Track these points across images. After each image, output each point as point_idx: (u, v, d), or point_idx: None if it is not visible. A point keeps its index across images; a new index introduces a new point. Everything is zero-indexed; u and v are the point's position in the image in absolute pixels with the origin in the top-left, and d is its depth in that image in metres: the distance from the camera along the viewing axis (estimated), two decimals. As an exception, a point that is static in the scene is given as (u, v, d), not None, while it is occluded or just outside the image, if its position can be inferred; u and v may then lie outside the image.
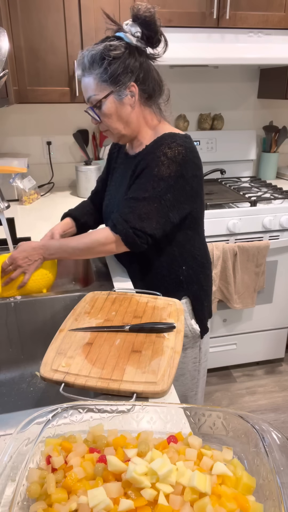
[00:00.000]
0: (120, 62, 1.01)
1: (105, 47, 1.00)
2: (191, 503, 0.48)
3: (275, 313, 2.19)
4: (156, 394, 0.70)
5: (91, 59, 1.01)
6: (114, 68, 1.01)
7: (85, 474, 0.52)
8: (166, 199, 1.03)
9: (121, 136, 1.11)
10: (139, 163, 1.09)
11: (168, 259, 1.15)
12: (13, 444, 0.54)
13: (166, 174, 1.02)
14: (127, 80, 1.03)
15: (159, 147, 1.04)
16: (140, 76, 1.04)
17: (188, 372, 1.28)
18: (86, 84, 1.05)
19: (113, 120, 1.07)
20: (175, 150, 1.02)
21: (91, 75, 1.03)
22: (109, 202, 1.25)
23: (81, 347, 0.81)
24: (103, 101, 1.05)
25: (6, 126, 2.17)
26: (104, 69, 1.01)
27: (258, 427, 0.57)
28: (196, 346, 1.25)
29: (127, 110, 1.07)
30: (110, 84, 1.03)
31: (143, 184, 1.04)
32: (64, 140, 2.25)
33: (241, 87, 2.38)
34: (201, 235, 1.21)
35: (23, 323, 1.08)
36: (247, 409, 2.04)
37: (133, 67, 1.03)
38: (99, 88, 1.04)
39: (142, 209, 1.02)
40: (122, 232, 1.03)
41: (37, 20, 1.69)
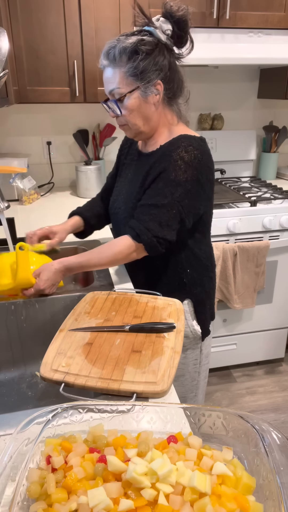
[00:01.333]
0: (151, 59, 1.00)
1: (138, 41, 0.98)
2: (191, 503, 0.48)
3: (275, 313, 2.19)
4: (156, 394, 0.70)
5: (122, 51, 0.99)
6: (144, 64, 0.99)
7: (85, 474, 0.52)
8: (184, 205, 1.03)
9: (139, 132, 1.10)
10: (154, 164, 1.08)
11: (174, 261, 1.15)
12: (13, 444, 0.54)
13: (183, 179, 1.02)
14: (155, 77, 1.02)
15: (176, 149, 1.03)
16: (167, 74, 1.03)
17: (188, 373, 1.28)
18: (111, 76, 1.02)
19: (134, 116, 1.05)
20: (192, 154, 1.02)
21: (119, 67, 1.00)
22: (116, 198, 1.24)
23: (81, 347, 0.81)
24: (128, 96, 1.02)
25: (6, 126, 2.17)
26: (134, 64, 0.99)
27: (258, 427, 0.57)
28: (197, 348, 1.25)
29: (150, 108, 1.05)
30: (138, 80, 1.00)
31: (161, 190, 1.03)
32: (64, 140, 2.25)
33: (241, 87, 2.38)
34: (207, 238, 1.21)
35: (23, 323, 1.08)
36: (247, 409, 2.04)
37: (162, 65, 1.02)
38: (125, 82, 1.01)
39: (162, 216, 1.02)
40: (147, 242, 1.03)
41: (37, 20, 1.69)
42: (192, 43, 1.05)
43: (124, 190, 1.20)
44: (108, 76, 1.03)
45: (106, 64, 1.03)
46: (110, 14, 1.73)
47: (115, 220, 1.26)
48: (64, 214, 1.85)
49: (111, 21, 1.75)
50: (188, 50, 1.06)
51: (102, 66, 1.04)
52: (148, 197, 1.06)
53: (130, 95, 1.02)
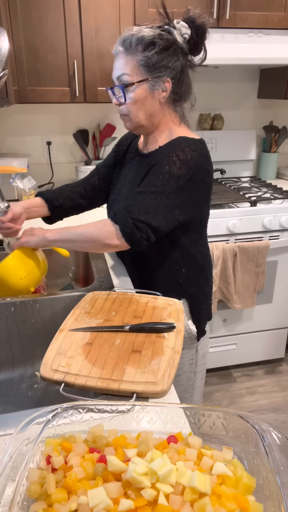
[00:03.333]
0: (166, 55, 1.01)
1: (158, 35, 1.00)
2: (191, 503, 0.48)
3: (275, 313, 2.19)
4: (156, 394, 0.70)
5: (139, 40, 0.99)
6: (159, 58, 1.00)
7: (85, 474, 0.52)
8: (173, 197, 1.01)
9: (139, 126, 1.09)
10: (151, 167, 1.08)
11: (170, 261, 1.15)
12: (13, 444, 0.54)
13: (177, 174, 1.01)
14: (165, 74, 1.02)
15: (173, 149, 1.03)
16: (177, 76, 1.04)
17: (184, 373, 1.27)
18: (123, 62, 1.02)
19: (137, 107, 1.05)
20: (188, 154, 1.01)
21: (133, 55, 1.00)
22: (116, 197, 1.23)
23: (81, 347, 0.81)
24: (136, 85, 1.02)
25: (6, 126, 2.17)
26: (148, 55, 0.99)
27: (258, 427, 0.57)
28: (193, 348, 1.24)
29: (154, 103, 1.05)
30: (149, 72, 1.01)
31: (152, 180, 1.02)
32: (64, 140, 2.25)
33: (241, 87, 2.38)
34: (204, 238, 1.21)
35: (23, 323, 1.07)
36: (247, 409, 2.04)
37: (175, 65, 1.03)
38: (136, 71, 1.01)
39: (148, 202, 0.99)
40: (121, 223, 0.99)
41: (37, 20, 1.69)
42: (205, 53, 1.06)
43: (123, 190, 1.20)
44: (120, 62, 1.03)
45: (120, 50, 1.02)
46: (110, 14, 1.73)
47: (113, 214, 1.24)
48: (64, 214, 1.85)
49: (111, 21, 1.75)
50: (201, 60, 1.07)
51: (116, 52, 1.04)
52: (139, 187, 1.05)
53: (138, 85, 1.02)
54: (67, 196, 1.29)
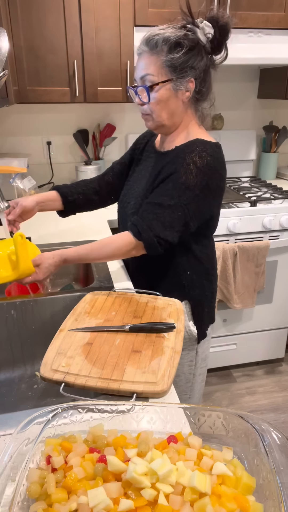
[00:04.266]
0: (191, 55, 1.01)
1: (183, 35, 0.99)
2: (191, 503, 0.48)
3: (275, 313, 2.19)
4: (156, 394, 0.71)
5: (165, 40, 0.99)
6: (184, 59, 1.00)
7: (85, 474, 0.52)
8: (190, 208, 1.03)
9: (161, 125, 1.09)
10: (167, 164, 1.08)
11: (176, 263, 1.15)
12: (13, 444, 0.54)
13: (193, 183, 1.02)
14: (189, 74, 1.02)
15: (190, 153, 1.03)
16: (200, 75, 1.04)
17: (183, 374, 1.26)
18: (147, 62, 1.02)
19: (161, 107, 1.05)
20: (205, 160, 1.02)
21: (157, 55, 1.00)
22: (127, 192, 1.23)
23: (81, 347, 0.81)
24: (160, 86, 1.02)
25: (6, 126, 2.17)
26: (174, 56, 0.99)
27: (258, 427, 0.57)
28: (193, 349, 1.23)
29: (177, 103, 1.05)
30: (173, 72, 1.01)
31: (169, 190, 1.03)
32: (64, 140, 2.25)
33: (241, 87, 2.38)
34: (211, 241, 1.21)
35: (23, 323, 1.07)
36: (247, 409, 2.04)
37: (199, 65, 1.03)
38: (160, 71, 1.01)
39: (166, 217, 1.02)
40: (147, 241, 1.03)
41: (37, 20, 1.69)
42: (226, 52, 1.07)
43: (136, 186, 1.20)
44: (144, 62, 1.02)
45: (144, 50, 1.02)
46: (110, 14, 1.73)
47: (122, 214, 1.24)
48: (64, 214, 1.85)
49: (111, 21, 1.75)
50: (222, 59, 1.08)
51: (140, 51, 1.04)
52: (155, 195, 1.06)
53: (163, 85, 1.02)
54: (81, 192, 1.31)
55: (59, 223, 1.70)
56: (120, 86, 1.86)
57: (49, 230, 1.60)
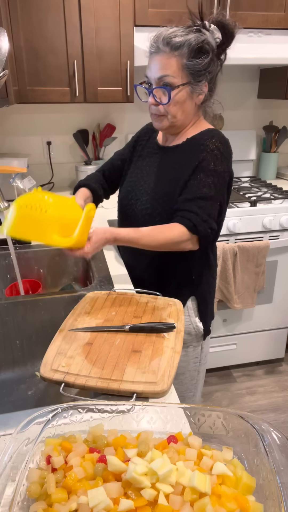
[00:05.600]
0: (210, 60, 1.02)
1: (204, 40, 1.00)
2: (191, 503, 0.48)
3: (275, 313, 2.19)
4: (156, 394, 0.70)
5: (187, 44, 0.99)
6: (204, 63, 1.01)
7: (85, 474, 0.52)
8: (223, 195, 1.08)
9: (173, 126, 1.10)
10: (187, 156, 1.08)
11: (187, 257, 1.14)
12: (13, 444, 0.54)
13: (221, 170, 1.05)
14: (205, 78, 1.04)
15: (211, 139, 1.06)
16: (213, 79, 1.07)
17: (188, 372, 1.28)
18: (167, 62, 1.01)
19: (177, 109, 1.06)
20: (225, 145, 1.07)
21: (179, 57, 1.00)
22: (131, 189, 1.22)
23: (81, 347, 0.81)
24: (180, 88, 1.02)
25: (6, 126, 2.17)
26: (196, 61, 1.00)
27: (258, 427, 0.57)
28: (199, 346, 1.25)
29: (192, 105, 1.08)
30: (192, 76, 1.02)
31: (204, 181, 1.04)
32: (64, 140, 2.25)
33: (241, 87, 2.38)
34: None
35: (23, 323, 1.07)
36: (247, 409, 2.04)
37: (213, 69, 1.05)
38: (180, 74, 1.01)
39: (210, 208, 1.05)
40: (203, 234, 1.04)
41: (37, 20, 1.69)
42: (225, 57, 1.09)
43: (143, 182, 1.19)
44: (163, 62, 1.01)
45: (164, 50, 1.00)
46: (110, 14, 1.73)
47: (129, 210, 1.22)
48: (64, 214, 1.85)
49: (111, 21, 1.75)
50: (221, 63, 1.10)
51: (156, 50, 1.02)
52: (193, 189, 1.05)
53: (182, 88, 1.03)
54: (102, 186, 1.33)
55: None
56: (120, 86, 1.86)
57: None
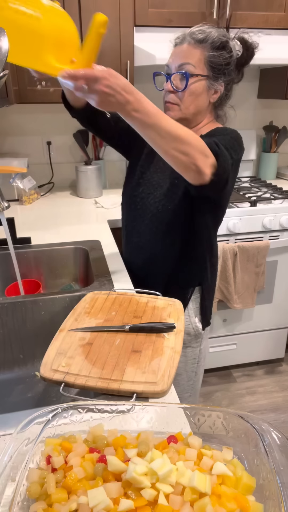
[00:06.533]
0: (230, 61, 1.05)
1: (227, 41, 1.03)
2: (191, 503, 0.48)
3: (275, 313, 2.19)
4: (156, 394, 0.70)
5: (213, 38, 1.01)
6: (225, 61, 1.03)
7: (85, 474, 0.52)
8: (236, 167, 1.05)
9: (184, 118, 1.09)
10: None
11: (198, 249, 1.18)
12: (13, 444, 0.54)
13: (233, 145, 1.01)
14: (222, 78, 1.06)
15: (225, 129, 1.06)
16: (229, 83, 1.09)
17: (185, 373, 1.28)
18: (190, 52, 1.03)
19: (191, 100, 1.06)
20: (239, 136, 1.05)
21: (202, 49, 1.02)
22: (143, 182, 1.20)
23: (81, 347, 0.81)
24: (199, 78, 1.03)
25: (6, 126, 2.17)
26: (218, 55, 1.02)
27: (258, 427, 0.57)
28: (197, 346, 1.25)
29: (205, 101, 1.08)
30: (212, 70, 1.03)
31: (214, 136, 0.99)
32: (64, 140, 2.25)
33: (241, 87, 2.37)
34: (216, 235, 1.25)
35: (23, 323, 1.08)
36: (247, 409, 2.04)
37: (231, 73, 1.07)
38: (201, 65, 1.03)
39: (226, 142, 0.98)
40: (221, 160, 0.91)
41: (37, 20, 1.69)
42: (242, 76, 1.12)
43: (156, 177, 1.18)
44: (186, 51, 1.03)
45: (189, 41, 1.03)
46: (110, 14, 1.73)
47: (139, 204, 1.20)
48: (64, 214, 1.86)
49: (111, 21, 1.75)
50: (238, 80, 1.12)
51: (182, 40, 1.05)
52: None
53: (201, 78, 1.04)
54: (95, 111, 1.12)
55: (59, 223, 1.70)
56: (120, 86, 1.85)
57: (49, 230, 1.60)
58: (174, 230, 1.15)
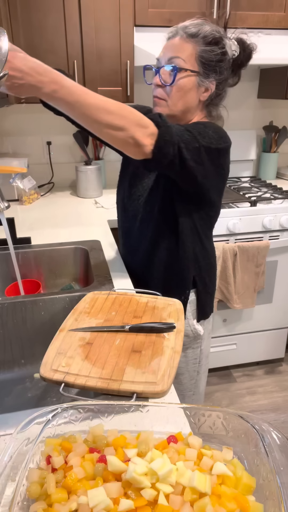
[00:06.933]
0: (223, 59, 1.01)
1: (222, 36, 1.00)
2: (191, 503, 0.48)
3: (275, 313, 2.19)
4: (156, 394, 0.70)
5: (205, 33, 0.98)
6: (217, 58, 1.00)
7: (85, 474, 0.52)
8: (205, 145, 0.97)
9: (172, 115, 1.05)
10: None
11: (186, 250, 1.14)
12: (13, 444, 0.54)
13: (211, 135, 0.97)
14: (214, 76, 1.02)
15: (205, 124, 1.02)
16: (221, 83, 1.05)
17: (187, 372, 1.28)
18: (181, 46, 1.00)
19: (180, 95, 1.02)
20: (222, 132, 1.03)
21: (194, 43, 0.99)
22: (134, 183, 1.18)
23: (81, 347, 0.81)
24: (187, 73, 1.00)
25: (6, 126, 2.17)
26: (210, 51, 0.99)
27: (258, 427, 0.57)
28: (197, 347, 1.25)
29: (195, 99, 1.04)
30: (202, 66, 1.00)
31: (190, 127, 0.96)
32: (64, 140, 2.25)
33: (241, 87, 2.38)
34: (212, 235, 1.22)
35: (23, 323, 1.08)
36: (247, 409, 2.04)
37: (224, 72, 1.03)
38: (191, 60, 0.99)
39: (187, 136, 0.93)
40: (164, 129, 0.87)
41: (37, 20, 1.69)
42: (239, 79, 1.09)
43: (147, 179, 1.16)
44: (177, 45, 1.00)
45: (181, 34, 1.00)
46: (110, 14, 1.74)
47: (131, 206, 1.20)
48: (64, 214, 1.86)
49: (111, 21, 1.75)
50: (234, 82, 1.10)
51: (173, 34, 1.02)
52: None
53: (190, 74, 1.00)
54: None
55: (59, 223, 1.70)
56: (120, 86, 1.86)
57: (49, 230, 1.60)
58: (160, 233, 1.13)
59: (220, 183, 1.09)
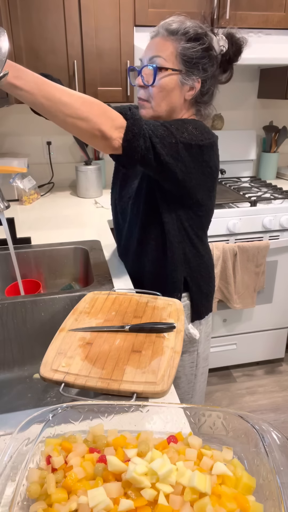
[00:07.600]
0: (206, 55, 0.98)
1: (205, 33, 0.97)
2: (191, 503, 0.48)
3: (275, 313, 2.19)
4: (156, 394, 0.70)
5: (187, 30, 0.96)
6: (198, 55, 0.97)
7: (85, 474, 0.52)
8: (184, 140, 0.94)
9: (157, 116, 1.02)
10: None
11: (176, 256, 1.11)
12: (13, 444, 0.54)
13: (191, 131, 0.94)
14: (198, 74, 0.99)
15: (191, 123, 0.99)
16: (207, 81, 1.02)
17: (184, 376, 1.27)
18: (162, 45, 0.97)
19: (162, 96, 0.99)
20: (206, 129, 0.99)
21: (174, 41, 0.96)
22: (126, 184, 1.17)
23: (81, 347, 0.81)
24: (168, 72, 0.97)
25: (6, 126, 2.17)
26: (191, 48, 0.96)
27: (258, 427, 0.57)
28: (193, 351, 1.23)
29: (179, 98, 1.01)
30: (184, 64, 0.97)
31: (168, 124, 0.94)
32: (64, 140, 2.25)
33: (241, 87, 2.38)
34: (206, 238, 1.19)
35: (23, 323, 1.08)
36: (247, 409, 2.04)
37: (209, 69, 1.00)
38: (172, 59, 0.97)
39: (161, 131, 0.91)
40: (132, 120, 0.85)
41: (37, 20, 1.69)
42: (231, 75, 1.05)
43: (136, 180, 1.15)
44: (158, 43, 0.98)
45: (162, 33, 0.98)
46: (110, 14, 1.74)
47: (125, 208, 1.19)
48: (64, 214, 1.86)
49: (111, 21, 1.75)
50: (227, 79, 1.07)
51: (155, 34, 1.00)
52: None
53: (171, 73, 0.97)
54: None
55: (59, 223, 1.70)
56: (120, 86, 1.86)
57: (49, 230, 1.60)
58: (147, 234, 1.11)
59: (208, 181, 1.05)
